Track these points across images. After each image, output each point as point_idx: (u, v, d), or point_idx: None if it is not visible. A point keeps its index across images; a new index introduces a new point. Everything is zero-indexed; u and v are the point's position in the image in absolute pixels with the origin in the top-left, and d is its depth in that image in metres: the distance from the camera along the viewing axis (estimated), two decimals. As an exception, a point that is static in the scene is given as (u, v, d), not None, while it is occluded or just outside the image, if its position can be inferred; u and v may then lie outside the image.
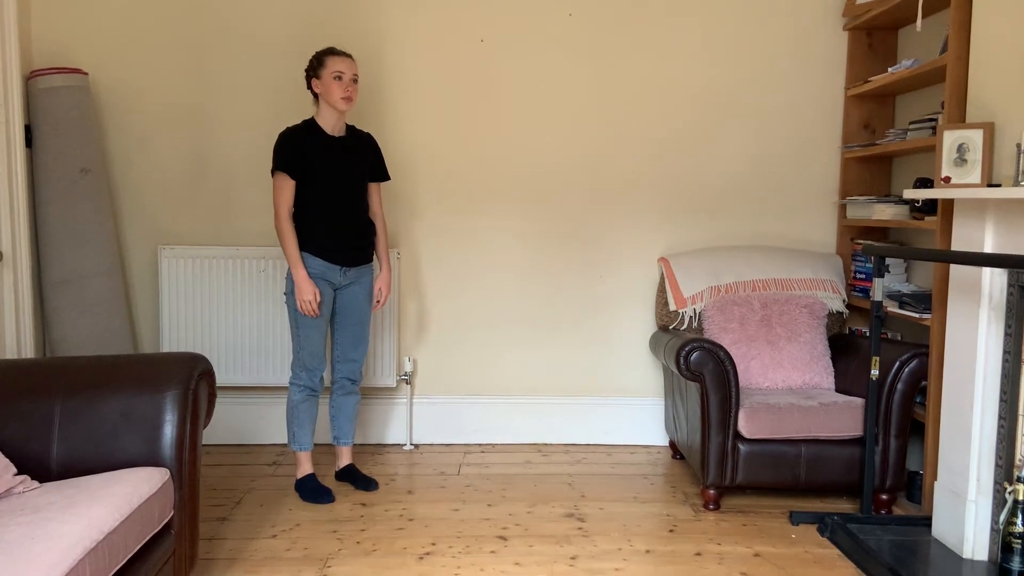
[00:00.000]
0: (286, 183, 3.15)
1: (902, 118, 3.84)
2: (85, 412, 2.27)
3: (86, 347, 3.61)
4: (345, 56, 3.19)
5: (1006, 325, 2.61)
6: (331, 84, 3.15)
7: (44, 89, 3.57)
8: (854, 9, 3.78)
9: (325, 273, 3.22)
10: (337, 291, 3.31)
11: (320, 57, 3.19)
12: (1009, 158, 2.61)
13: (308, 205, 3.20)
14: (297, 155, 3.15)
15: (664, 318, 3.79)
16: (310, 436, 3.34)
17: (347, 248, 3.25)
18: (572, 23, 3.95)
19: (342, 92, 3.15)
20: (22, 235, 3.44)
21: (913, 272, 3.70)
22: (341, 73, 3.15)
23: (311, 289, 3.13)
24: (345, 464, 3.50)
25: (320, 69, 3.17)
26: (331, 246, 3.21)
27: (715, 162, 4.02)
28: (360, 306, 3.35)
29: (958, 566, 2.67)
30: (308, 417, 3.32)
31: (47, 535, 1.77)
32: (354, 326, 3.36)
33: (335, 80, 3.14)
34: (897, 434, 3.17)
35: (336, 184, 3.21)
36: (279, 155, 3.16)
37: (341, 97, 3.16)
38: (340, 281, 3.28)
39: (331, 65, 3.15)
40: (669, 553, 2.86)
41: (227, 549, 2.85)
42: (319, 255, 3.20)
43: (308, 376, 3.27)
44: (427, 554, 2.83)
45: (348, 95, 3.16)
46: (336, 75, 3.14)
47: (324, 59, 3.17)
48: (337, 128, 3.25)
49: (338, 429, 3.47)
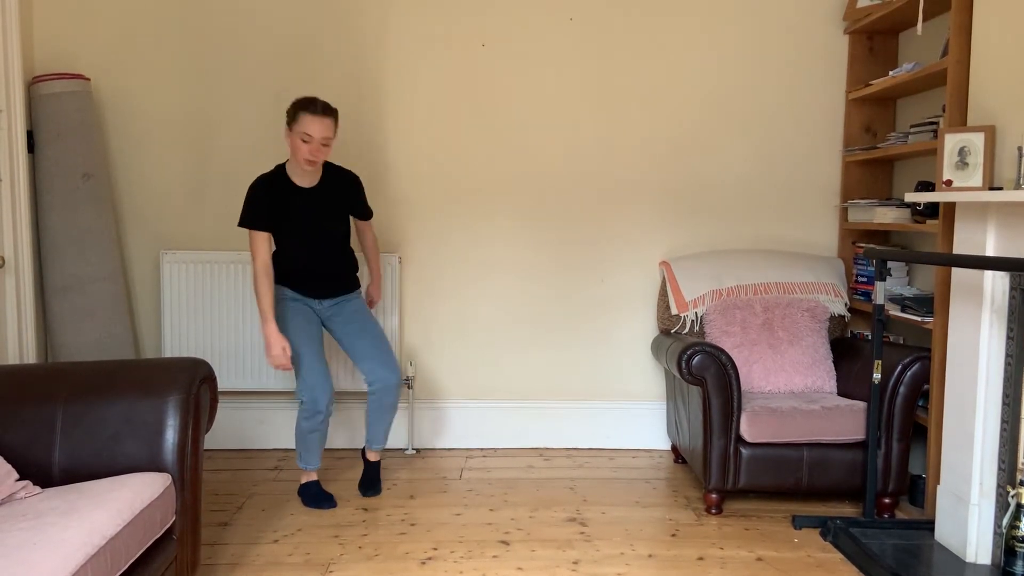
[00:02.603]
0: (257, 236, 3.13)
1: (903, 121, 3.84)
2: (87, 417, 2.27)
3: (88, 352, 3.61)
4: (321, 117, 3.06)
5: (1008, 328, 2.60)
6: (297, 144, 3.07)
7: (46, 95, 3.58)
8: (855, 13, 3.78)
9: (300, 298, 3.28)
10: (325, 320, 3.34)
11: (296, 111, 3.09)
12: (1010, 161, 2.61)
13: (280, 250, 3.25)
14: (263, 212, 3.13)
15: (666, 322, 3.79)
16: (318, 458, 3.32)
17: (321, 285, 3.28)
18: (573, 27, 3.95)
19: (306, 154, 3.07)
20: (24, 241, 3.45)
21: (915, 275, 3.70)
22: (309, 137, 3.05)
23: (280, 344, 3.09)
24: (373, 460, 3.48)
25: (293, 123, 3.09)
26: (304, 287, 3.26)
27: (716, 165, 4.02)
28: (360, 318, 3.34)
29: (961, 570, 2.67)
30: (316, 444, 3.28)
31: (49, 540, 1.77)
32: (365, 336, 3.31)
33: (301, 142, 3.06)
34: (899, 438, 3.17)
35: (305, 235, 3.21)
36: (246, 211, 3.14)
37: (304, 159, 3.08)
38: (320, 310, 3.32)
39: (302, 125, 3.05)
40: (672, 557, 2.86)
41: (229, 554, 2.85)
42: (291, 287, 3.26)
43: (310, 401, 3.19)
44: (429, 559, 2.82)
45: (311, 159, 3.08)
46: (304, 137, 3.05)
47: (298, 115, 3.07)
48: (307, 178, 3.20)
49: (371, 434, 3.41)
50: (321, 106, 3.08)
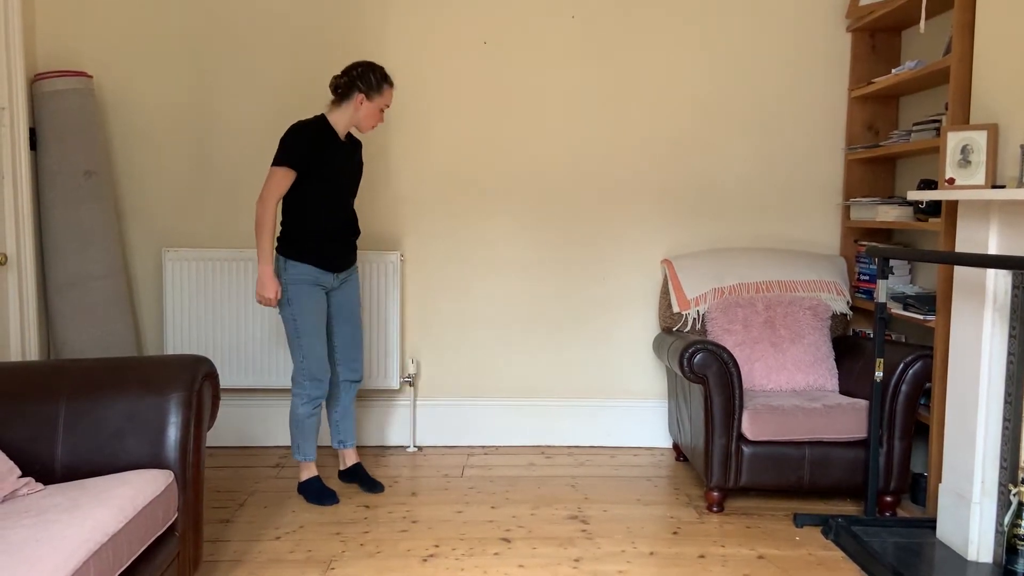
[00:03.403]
0: (287, 177, 3.09)
1: (906, 119, 3.83)
2: (89, 414, 2.27)
3: (90, 350, 3.62)
4: (393, 89, 3.27)
5: (1010, 327, 2.60)
6: (373, 113, 3.18)
7: (48, 92, 3.58)
8: (857, 11, 3.77)
9: (319, 278, 3.21)
10: (329, 293, 3.32)
11: (380, 83, 3.16)
12: (1013, 159, 2.61)
13: (310, 208, 3.16)
14: (304, 151, 3.10)
15: (667, 320, 3.79)
16: (314, 446, 3.34)
17: (342, 252, 3.27)
18: (575, 25, 3.95)
19: (377, 122, 3.22)
20: (26, 238, 3.45)
21: (917, 274, 3.69)
22: (387, 107, 3.22)
23: (274, 287, 3.10)
24: (352, 463, 3.49)
25: (374, 93, 3.15)
26: (329, 252, 3.21)
27: (718, 164, 4.02)
28: (352, 304, 3.38)
29: (962, 568, 2.67)
30: (313, 430, 3.31)
31: (51, 537, 1.77)
32: (349, 324, 3.36)
33: (379, 111, 3.19)
34: (901, 436, 3.17)
35: (339, 187, 3.22)
36: (292, 149, 3.08)
37: (373, 125, 3.22)
38: (332, 284, 3.29)
39: (386, 97, 3.18)
40: (673, 555, 2.86)
41: (231, 551, 2.85)
42: (317, 263, 3.18)
43: (313, 386, 3.23)
44: (431, 556, 2.83)
45: (377, 125, 3.26)
46: (383, 108, 3.20)
47: (383, 88, 3.17)
48: (344, 133, 3.25)
49: (344, 433, 3.47)
50: (391, 77, 3.23)
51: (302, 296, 3.18)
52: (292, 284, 3.17)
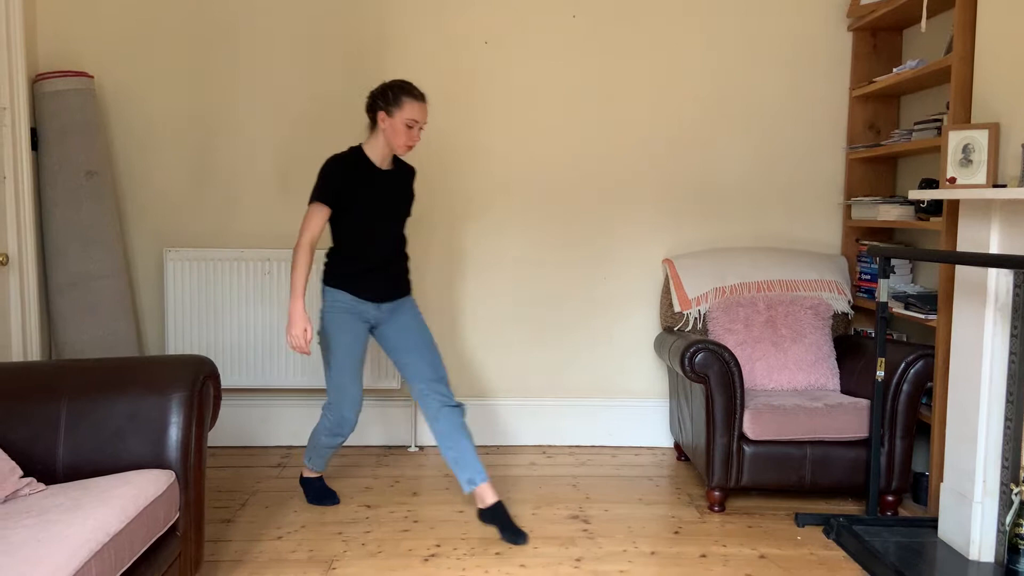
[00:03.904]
0: (322, 214, 2.94)
1: (907, 119, 3.83)
2: (91, 414, 2.27)
3: (92, 350, 3.62)
4: (421, 102, 2.94)
5: (1012, 326, 2.60)
6: (400, 130, 2.92)
7: (50, 92, 3.58)
8: (859, 10, 3.77)
9: (356, 307, 3.02)
10: (376, 329, 3.11)
11: (398, 96, 2.91)
12: (1014, 158, 2.60)
13: (346, 239, 3.02)
14: (337, 187, 2.93)
15: (669, 319, 3.79)
16: (325, 464, 3.28)
17: (383, 282, 3.05)
18: (576, 24, 3.95)
19: (408, 140, 2.94)
20: (28, 238, 3.45)
21: (918, 273, 3.69)
22: (414, 122, 2.92)
23: (303, 324, 2.90)
24: (492, 502, 2.99)
25: (394, 108, 2.90)
26: (367, 281, 3.02)
27: (720, 163, 4.01)
28: (414, 330, 3.10)
29: (964, 568, 2.66)
30: (328, 452, 3.22)
31: (53, 537, 1.77)
32: (417, 352, 3.07)
33: (405, 127, 2.92)
34: (903, 435, 3.17)
35: (377, 221, 3.02)
36: (324, 186, 2.94)
37: (405, 145, 2.95)
38: (376, 316, 3.06)
39: (408, 111, 2.90)
40: (674, 555, 2.86)
41: (232, 551, 2.86)
42: (353, 291, 3.01)
43: (337, 421, 3.07)
44: (432, 556, 2.83)
45: (412, 144, 2.96)
46: (409, 123, 2.91)
47: (402, 101, 2.90)
48: (386, 161, 3.04)
49: (469, 468, 2.98)
50: (418, 91, 2.96)
51: (337, 326, 3.01)
52: (328, 312, 3.03)
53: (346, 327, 3.02)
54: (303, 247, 2.93)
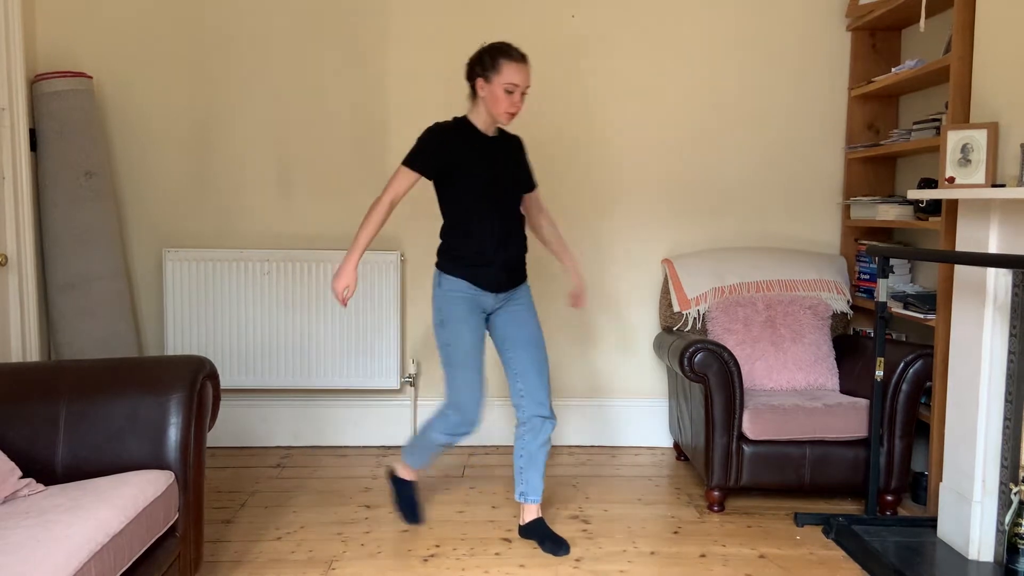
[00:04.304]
0: (407, 178, 2.75)
1: (906, 118, 3.83)
2: (90, 415, 2.27)
3: (91, 350, 3.62)
4: (522, 64, 2.73)
5: (1011, 325, 2.60)
6: (499, 95, 2.72)
7: (49, 93, 3.58)
8: (857, 9, 3.77)
9: (476, 297, 2.81)
10: (491, 315, 2.90)
11: (495, 58, 2.72)
12: (1013, 158, 2.61)
13: (456, 215, 2.80)
14: (442, 157, 2.76)
15: (668, 319, 3.79)
16: (427, 463, 3.05)
17: (502, 274, 2.81)
18: (575, 24, 3.95)
19: (509, 107, 2.73)
20: (27, 239, 3.45)
21: (917, 273, 3.69)
22: (513, 87, 2.71)
23: (344, 282, 2.69)
24: (532, 518, 2.95)
25: (491, 73, 2.72)
26: (483, 267, 2.79)
27: (719, 163, 4.02)
28: (526, 326, 2.88)
29: (963, 567, 2.67)
30: (436, 454, 2.99)
31: (52, 537, 1.77)
32: (526, 350, 2.86)
33: (505, 93, 2.71)
34: (902, 435, 3.17)
35: (489, 192, 2.79)
36: (420, 152, 2.76)
37: (506, 112, 2.74)
38: (492, 305, 2.86)
39: (506, 74, 2.70)
40: (674, 555, 2.86)
41: (232, 551, 2.86)
42: (471, 279, 2.79)
43: (459, 422, 2.83)
44: (432, 556, 2.83)
45: (514, 110, 2.74)
46: (508, 87, 2.71)
47: (499, 63, 2.71)
48: (490, 128, 2.85)
49: (527, 484, 2.91)
50: (517, 51, 2.74)
51: (457, 318, 2.78)
52: (447, 303, 2.80)
53: (468, 318, 2.80)
54: (381, 203, 2.73)
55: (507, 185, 2.83)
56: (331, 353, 3.89)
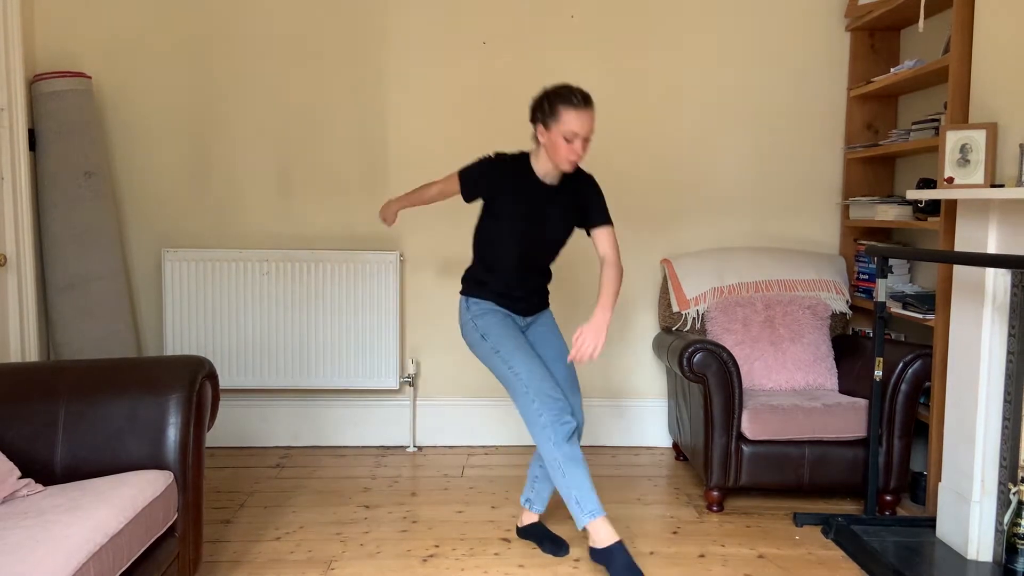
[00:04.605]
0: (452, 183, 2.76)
1: (905, 119, 3.83)
2: (89, 415, 2.27)
3: (90, 350, 3.62)
4: (584, 110, 2.55)
5: (1010, 325, 2.60)
6: (559, 143, 2.57)
7: (48, 93, 3.58)
8: (856, 10, 3.77)
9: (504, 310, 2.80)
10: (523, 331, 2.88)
11: (553, 104, 2.57)
12: (1012, 158, 2.61)
13: (487, 252, 2.77)
14: (483, 190, 2.70)
15: (667, 319, 3.79)
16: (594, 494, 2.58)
17: (523, 299, 2.81)
18: (574, 25, 3.95)
19: (570, 154, 2.58)
20: (26, 239, 3.45)
21: (916, 273, 3.69)
22: (573, 135, 2.55)
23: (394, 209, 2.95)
24: (531, 522, 2.95)
25: (551, 120, 2.57)
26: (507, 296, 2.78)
27: (718, 163, 4.02)
28: (552, 340, 2.87)
29: (962, 567, 2.67)
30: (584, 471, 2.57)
31: (51, 538, 1.77)
32: (559, 362, 2.83)
33: (564, 141, 2.56)
34: (901, 435, 3.17)
35: (529, 238, 2.73)
36: (471, 172, 2.71)
37: (567, 160, 2.59)
38: (520, 324, 2.85)
39: (564, 122, 2.54)
40: (673, 555, 2.86)
41: (231, 552, 2.86)
42: (497, 302, 2.78)
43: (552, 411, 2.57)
44: (431, 556, 2.83)
45: (575, 159, 2.60)
46: (567, 136, 2.55)
47: (558, 110, 2.55)
48: (551, 175, 2.71)
49: (536, 494, 2.90)
50: (580, 96, 2.57)
51: (494, 324, 2.73)
52: (480, 318, 2.74)
53: (503, 324, 2.73)
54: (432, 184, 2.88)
55: (547, 238, 2.76)
56: (330, 353, 3.89)
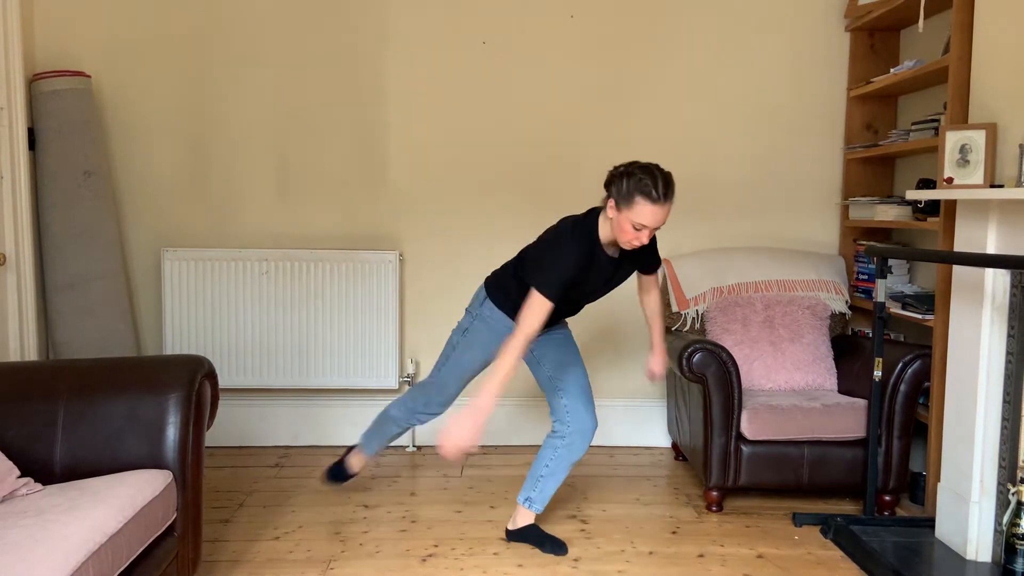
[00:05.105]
0: (546, 309, 2.54)
1: (904, 119, 3.83)
2: (88, 414, 2.27)
3: (89, 350, 3.62)
4: (662, 206, 2.47)
5: (1009, 326, 2.60)
6: (626, 228, 2.51)
7: (47, 92, 3.58)
8: (856, 10, 3.78)
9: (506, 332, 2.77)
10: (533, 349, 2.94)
11: (632, 194, 2.46)
12: (1012, 159, 2.61)
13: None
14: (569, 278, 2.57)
15: (666, 319, 3.79)
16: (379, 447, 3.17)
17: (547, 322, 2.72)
18: (574, 24, 3.95)
19: (632, 239, 2.53)
20: (25, 238, 3.45)
21: (916, 273, 3.70)
22: (644, 227, 2.49)
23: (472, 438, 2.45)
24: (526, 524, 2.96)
25: (623, 203, 2.48)
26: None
27: (717, 163, 4.02)
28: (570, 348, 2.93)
29: (961, 568, 2.67)
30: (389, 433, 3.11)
31: (50, 537, 1.77)
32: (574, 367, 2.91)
33: (632, 228, 2.50)
34: (900, 435, 3.17)
35: (581, 296, 2.76)
36: (555, 273, 2.55)
37: (628, 244, 2.55)
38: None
39: (638, 213, 2.46)
40: (672, 555, 2.86)
41: (230, 551, 2.86)
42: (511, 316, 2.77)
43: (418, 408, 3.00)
44: (430, 556, 2.83)
45: (637, 246, 2.55)
46: (636, 226, 2.49)
47: (635, 200, 2.46)
48: (611, 247, 2.69)
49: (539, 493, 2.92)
50: (662, 191, 2.47)
51: (479, 342, 2.83)
52: (482, 323, 2.82)
53: (484, 347, 2.84)
54: (520, 342, 2.51)
55: (597, 294, 2.80)
56: (330, 353, 3.89)
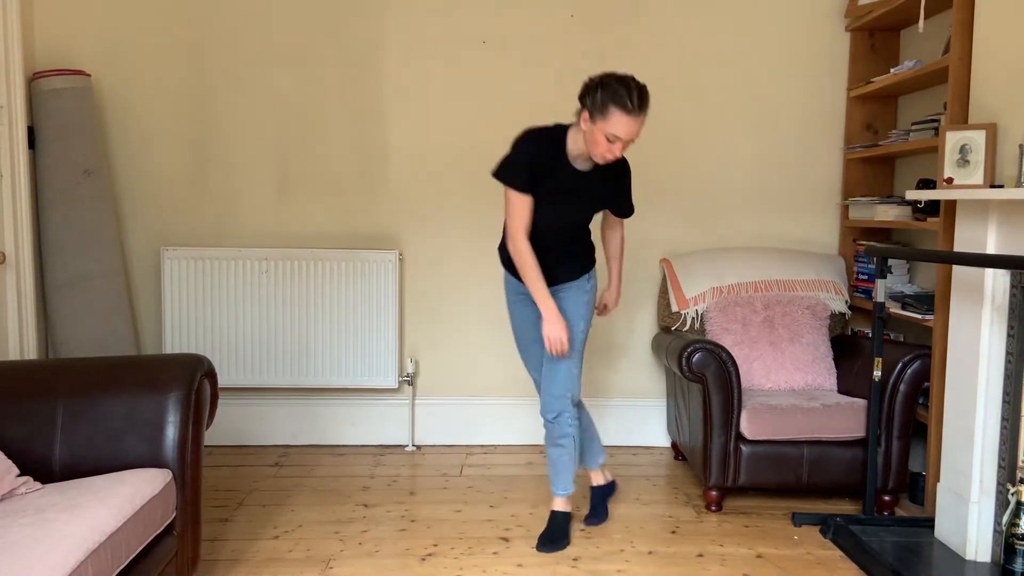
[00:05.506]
0: (522, 201, 2.64)
1: (904, 119, 3.83)
2: (88, 413, 2.27)
3: (89, 349, 3.61)
4: (637, 116, 2.49)
5: (1009, 326, 2.60)
6: (599, 140, 2.53)
7: (47, 91, 3.58)
8: (856, 10, 3.78)
9: (521, 288, 2.92)
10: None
11: (606, 104, 2.48)
12: (1012, 159, 2.61)
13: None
14: (526, 174, 2.64)
15: (666, 319, 3.79)
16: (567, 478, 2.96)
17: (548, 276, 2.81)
18: (574, 24, 3.95)
19: (605, 153, 2.55)
20: (25, 237, 3.45)
21: (916, 273, 3.70)
22: (615, 138, 2.51)
23: (560, 325, 2.69)
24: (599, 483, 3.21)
25: (597, 114, 2.50)
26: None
27: (717, 163, 4.02)
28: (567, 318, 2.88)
29: (961, 568, 2.67)
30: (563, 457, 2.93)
31: (49, 536, 1.77)
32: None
33: (604, 139, 2.53)
34: (899, 435, 3.17)
35: (553, 219, 2.77)
36: (515, 172, 2.64)
37: (602, 156, 2.57)
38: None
39: (612, 123, 2.49)
40: (671, 554, 2.86)
41: (229, 550, 2.85)
42: (513, 273, 2.88)
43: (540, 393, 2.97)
44: (429, 555, 2.83)
45: (611, 159, 2.58)
46: (609, 137, 2.51)
47: (608, 109, 2.48)
48: (581, 159, 2.71)
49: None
50: (636, 101, 2.48)
51: (509, 306, 3.03)
52: (504, 286, 3.03)
53: (514, 306, 2.99)
54: (521, 242, 2.66)
55: (577, 211, 2.79)
56: (329, 352, 3.89)
